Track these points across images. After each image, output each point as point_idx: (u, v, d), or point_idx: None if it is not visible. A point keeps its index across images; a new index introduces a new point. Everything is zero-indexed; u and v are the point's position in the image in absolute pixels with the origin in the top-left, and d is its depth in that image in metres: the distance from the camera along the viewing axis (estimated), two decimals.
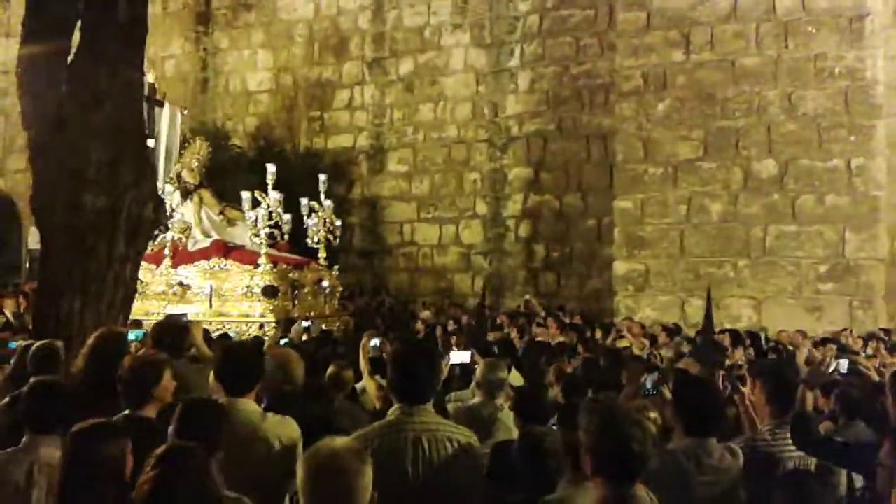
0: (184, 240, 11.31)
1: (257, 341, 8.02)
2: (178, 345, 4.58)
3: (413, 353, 3.35)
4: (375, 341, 6.44)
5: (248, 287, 10.46)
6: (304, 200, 11.26)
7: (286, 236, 11.09)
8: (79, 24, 5.66)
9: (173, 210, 11.17)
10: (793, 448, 3.45)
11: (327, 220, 11.43)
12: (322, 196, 11.47)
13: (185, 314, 9.09)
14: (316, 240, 11.38)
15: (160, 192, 11.59)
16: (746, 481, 3.22)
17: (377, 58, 17.30)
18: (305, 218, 11.22)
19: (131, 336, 6.45)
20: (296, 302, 10.86)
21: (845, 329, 10.94)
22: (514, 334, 10.01)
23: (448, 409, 4.80)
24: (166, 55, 19.04)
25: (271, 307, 10.38)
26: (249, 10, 18.50)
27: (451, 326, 11.23)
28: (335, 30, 17.72)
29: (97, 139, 5.53)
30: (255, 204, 10.59)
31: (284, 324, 9.48)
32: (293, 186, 11.65)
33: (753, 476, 3.20)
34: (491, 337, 9.18)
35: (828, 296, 11.99)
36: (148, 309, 10.61)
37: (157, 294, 10.72)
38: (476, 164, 16.27)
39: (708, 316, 8.95)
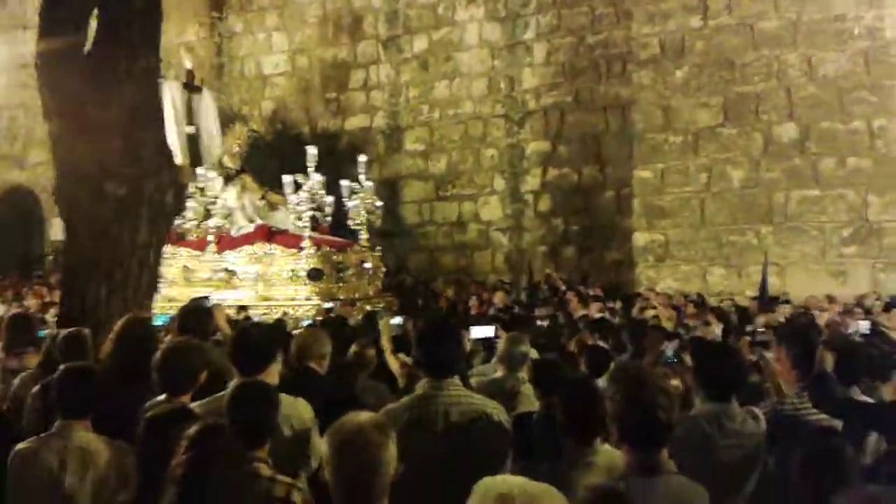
0: (227, 226, 11.33)
1: (279, 324, 8.08)
2: (203, 329, 4.62)
3: (438, 328, 3.42)
4: (398, 319, 6.50)
5: (292, 271, 10.49)
6: (344, 182, 11.28)
7: (329, 219, 11.11)
8: (95, 12, 5.69)
9: (216, 196, 11.20)
10: (816, 411, 3.46)
11: (368, 201, 11.42)
12: (363, 177, 11.47)
13: (207, 297, 9.16)
14: (358, 221, 11.39)
15: (195, 178, 11.81)
16: (772, 445, 3.24)
17: (391, 36, 17.24)
18: (346, 200, 11.23)
19: (158, 321, 6.55)
20: (340, 284, 10.88)
21: (869, 294, 10.84)
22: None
23: (471, 383, 4.84)
24: (181, 41, 19.07)
25: (317, 290, 10.41)
26: None
27: (472, 303, 11.29)
28: (349, 9, 17.66)
29: (117, 127, 5.58)
30: (297, 187, 10.60)
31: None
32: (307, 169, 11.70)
33: (779, 440, 3.21)
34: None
35: (851, 259, 11.89)
36: (194, 296, 10.76)
37: (202, 281, 10.73)
38: (493, 139, 16.22)
39: (763, 282, 8.95)
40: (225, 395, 3.46)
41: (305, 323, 8.12)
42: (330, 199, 11.04)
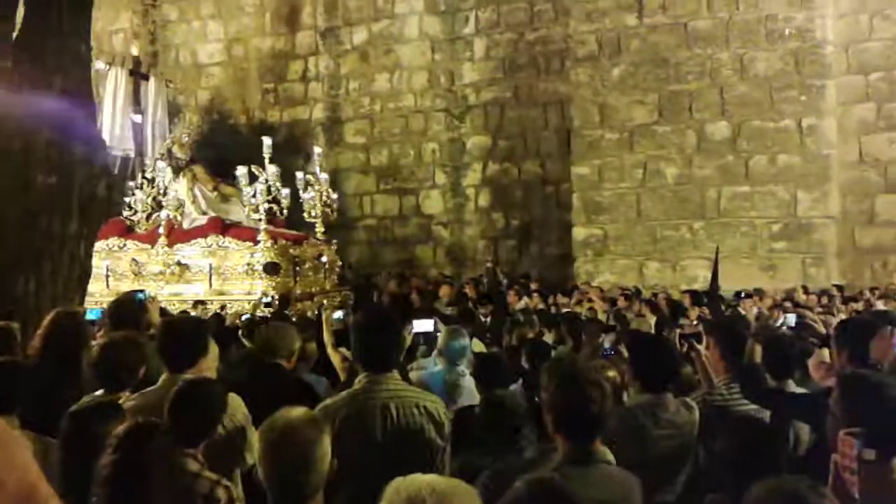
0: (178, 218, 10.99)
1: (216, 317, 7.95)
2: (136, 323, 4.50)
3: (376, 321, 3.38)
4: (339, 313, 6.46)
5: (248, 265, 10.26)
6: (299, 174, 11.08)
7: (285, 211, 10.88)
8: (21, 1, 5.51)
9: (166, 187, 10.87)
10: (746, 402, 3.57)
11: (324, 193, 11.24)
12: (318, 169, 11.30)
13: (142, 290, 8.92)
14: (313, 214, 11.19)
15: (143, 168, 11.46)
16: (702, 435, 3.33)
17: (330, 27, 17.07)
18: (301, 192, 11.01)
19: (91, 315, 6.38)
20: (297, 278, 10.68)
21: (798, 287, 11.21)
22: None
23: (411, 377, 4.85)
24: (114, 29, 18.57)
25: (273, 284, 10.18)
26: None
27: (414, 297, 11.29)
28: None
29: (47, 116, 5.41)
30: (252, 179, 10.34)
31: (282, 300, 9.38)
32: (249, 161, 11.50)
33: (708, 429, 3.31)
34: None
35: (781, 254, 12.27)
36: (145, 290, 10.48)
37: (154, 275, 10.47)
38: (434, 133, 16.23)
39: (714, 275, 9.15)
40: (157, 388, 3.40)
41: (245, 317, 7.98)
42: (286, 191, 10.78)
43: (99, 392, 3.52)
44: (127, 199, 11.52)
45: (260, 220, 10.33)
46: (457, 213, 16.12)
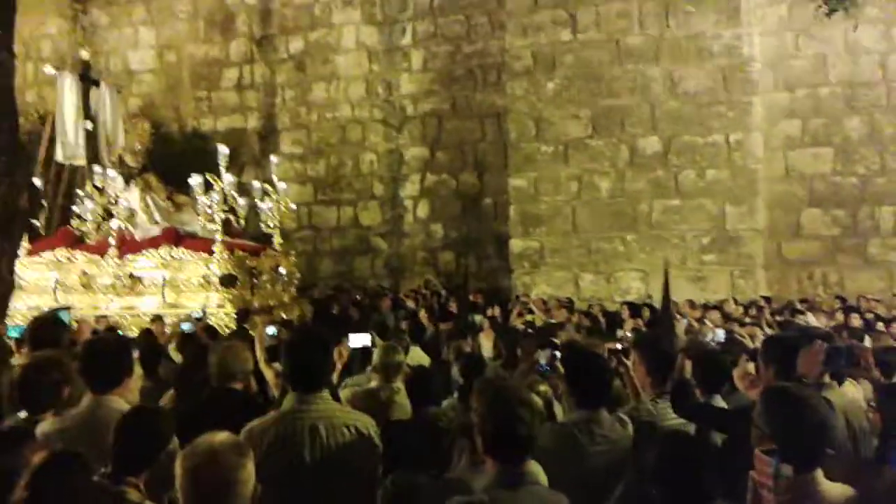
0: (130, 228, 10.58)
1: (145, 335, 7.73)
2: (56, 342, 4.33)
3: (306, 340, 3.34)
4: (272, 329, 6.36)
5: (204, 277, 9.85)
6: (255, 183, 10.84)
7: (242, 221, 10.55)
8: None
9: (117, 196, 10.47)
10: (673, 415, 3.64)
11: (282, 203, 10.98)
12: (274, 178, 11.02)
13: (68, 308, 8.63)
14: (271, 224, 10.91)
15: (91, 176, 11.06)
16: (631, 449, 3.37)
17: (266, 35, 16.90)
18: (258, 201, 10.72)
19: (12, 333, 6.16)
20: (255, 291, 10.32)
21: (727, 299, 11.50)
22: (422, 314, 10.05)
23: (345, 392, 4.81)
24: (41, 34, 18.05)
25: (230, 297, 9.81)
26: None
27: (352, 310, 11.20)
28: (220, 6, 17.18)
29: None
30: (207, 188, 10.00)
31: (241, 314, 9.09)
32: (180, 168, 11.27)
33: (637, 443, 3.35)
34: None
35: (711, 266, 12.57)
36: (95, 303, 9.96)
37: (104, 287, 10.02)
38: (371, 144, 16.19)
39: (665, 291, 9.25)
40: (80, 411, 3.28)
41: (185, 326, 7.75)
42: (243, 201, 10.47)
43: (22, 414, 3.41)
44: (76, 209, 11.15)
45: (216, 230, 9.97)
46: (395, 225, 16.08)
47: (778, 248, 13.08)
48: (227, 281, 9.84)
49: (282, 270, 11.01)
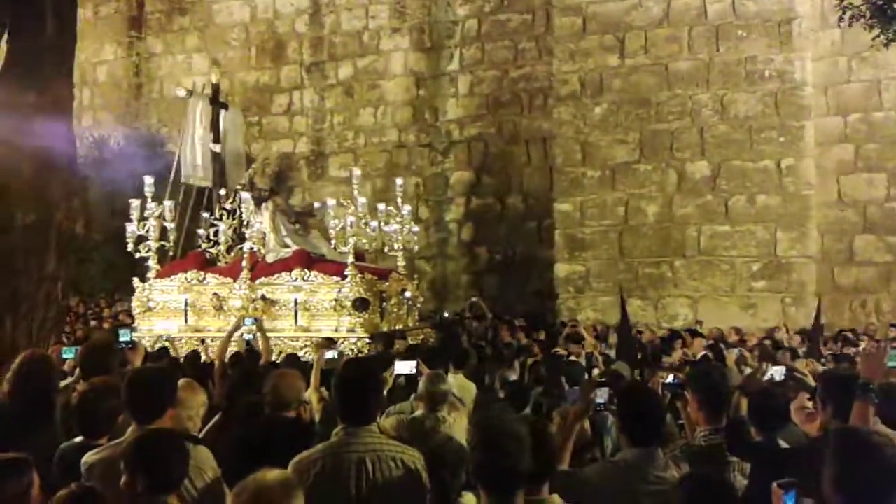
0: (261, 251, 10.46)
1: (193, 355, 7.81)
2: (107, 369, 4.39)
3: (356, 373, 3.35)
4: (332, 353, 6.35)
5: (336, 300, 9.67)
6: (381, 206, 10.79)
7: (374, 245, 10.48)
8: (5, 37, 5.50)
9: (249, 218, 10.41)
10: (729, 454, 3.55)
11: (407, 226, 10.98)
12: (399, 201, 11.04)
13: (129, 329, 8.65)
14: (396, 247, 10.88)
15: (219, 200, 11.10)
16: None
17: (316, 62, 17.18)
18: (383, 224, 10.67)
19: (66, 354, 6.28)
20: (384, 315, 10.14)
21: (780, 326, 11.27)
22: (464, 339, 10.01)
23: (389, 420, 4.80)
24: (98, 61, 18.62)
25: (361, 321, 9.64)
26: (184, 14, 18.20)
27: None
28: (272, 34, 17.54)
29: (26, 155, 5.38)
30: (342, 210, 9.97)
31: (380, 338, 8.95)
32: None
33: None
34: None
35: (761, 293, 12.33)
36: (223, 326, 9.67)
37: (236, 309, 9.83)
38: (417, 168, 16.29)
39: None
40: (124, 440, 3.33)
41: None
42: (374, 224, 10.38)
43: (78, 439, 3.49)
44: (202, 231, 11.16)
45: (347, 253, 9.84)
46: (440, 248, 16.11)
47: (830, 274, 12.77)
48: (360, 305, 9.65)
49: (407, 294, 10.80)
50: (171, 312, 10.26)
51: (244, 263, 9.98)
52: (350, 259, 9.76)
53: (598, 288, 13.24)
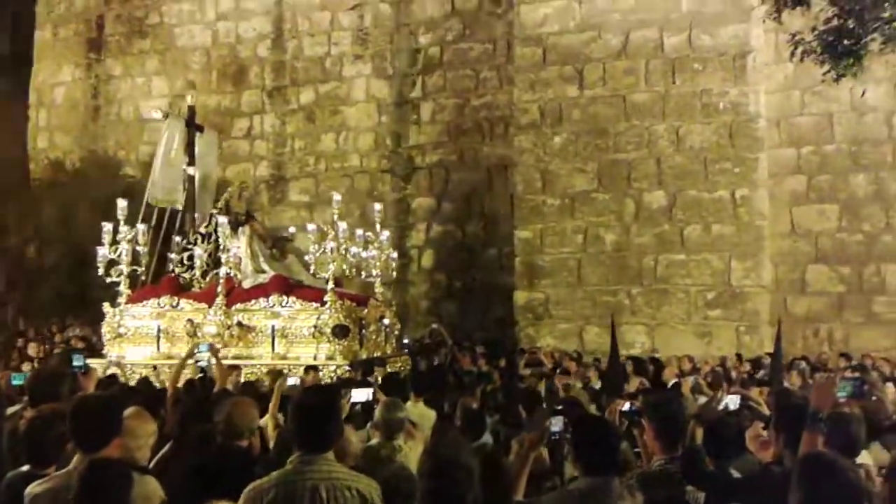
0: (238, 276, 10.24)
1: (143, 383, 7.65)
2: (55, 396, 4.27)
3: (313, 400, 3.33)
4: (293, 380, 6.30)
5: (315, 327, 9.51)
6: (359, 231, 10.59)
7: (355, 271, 10.25)
8: None
9: (226, 243, 10.09)
10: (682, 483, 3.58)
11: (386, 251, 10.82)
12: (378, 227, 10.83)
13: (81, 354, 8.42)
14: (375, 273, 10.67)
15: (195, 223, 10.83)
16: None
17: (277, 86, 17.15)
18: (361, 250, 10.45)
19: (15, 381, 6.12)
20: (363, 342, 9.96)
21: (731, 356, 11.42)
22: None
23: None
24: (56, 82, 18.35)
25: (341, 348, 9.48)
26: (144, 37, 18.06)
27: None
28: (234, 58, 17.48)
29: None
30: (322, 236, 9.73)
31: (360, 366, 8.81)
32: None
33: None
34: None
35: (716, 322, 12.52)
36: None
37: (210, 336, 9.54)
38: (379, 193, 16.27)
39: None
40: (69, 470, 3.26)
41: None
42: (355, 250, 10.20)
43: (25, 467, 3.41)
44: (174, 256, 10.87)
45: (326, 279, 9.69)
46: (400, 274, 16.05)
47: (783, 304, 13.01)
48: (340, 332, 9.50)
49: (385, 321, 10.68)
50: (142, 339, 10.03)
51: (220, 289, 9.80)
52: (330, 285, 9.63)
53: (558, 315, 13.32)
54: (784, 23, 7.70)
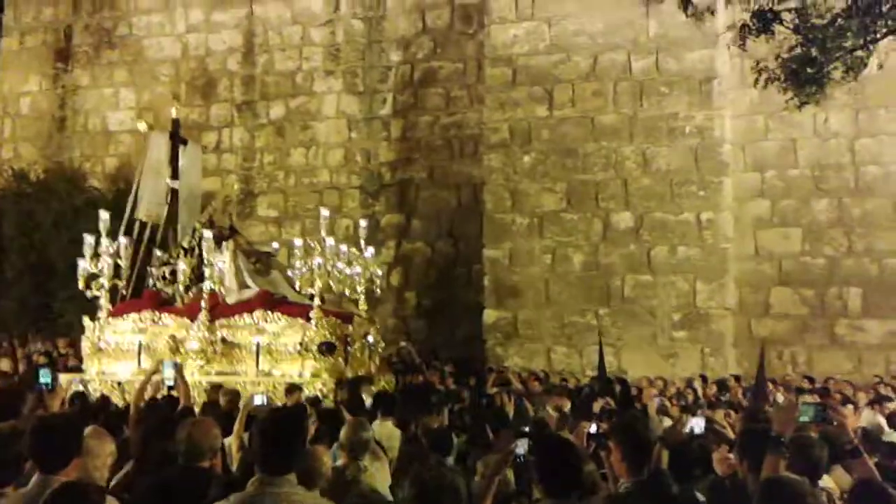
0: (221, 291, 10.02)
1: (102, 401, 7.52)
2: (15, 413, 4.19)
3: (277, 421, 3.29)
4: (259, 398, 6.20)
5: (301, 344, 9.33)
6: (343, 247, 10.39)
7: (340, 287, 10.12)
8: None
9: (209, 258, 9.86)
10: None
11: (370, 269, 10.70)
12: (362, 243, 10.76)
13: (46, 370, 8.19)
14: (359, 290, 10.51)
15: (178, 237, 10.63)
16: None
17: (247, 100, 17.05)
18: (345, 266, 10.25)
19: None
20: (348, 359, 9.77)
21: (696, 376, 11.52)
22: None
23: None
24: (22, 92, 18.11)
25: (327, 366, 9.29)
26: (113, 48, 17.88)
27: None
28: (203, 71, 17.36)
29: None
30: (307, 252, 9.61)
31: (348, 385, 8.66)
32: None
33: None
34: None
35: (682, 343, 12.62)
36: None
37: (193, 352, 9.40)
38: (348, 210, 16.22)
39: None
40: (28, 490, 3.19)
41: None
42: (341, 266, 10.04)
43: None
44: (155, 270, 10.70)
45: (312, 295, 9.55)
46: (367, 291, 15.97)
47: (748, 325, 13.18)
48: (327, 349, 9.34)
49: (370, 338, 10.53)
50: (123, 354, 9.80)
51: (203, 304, 9.62)
52: (317, 301, 9.50)
53: (526, 334, 13.34)
54: (749, 50, 7.81)
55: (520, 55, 13.70)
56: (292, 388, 8.15)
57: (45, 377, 5.90)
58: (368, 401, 6.10)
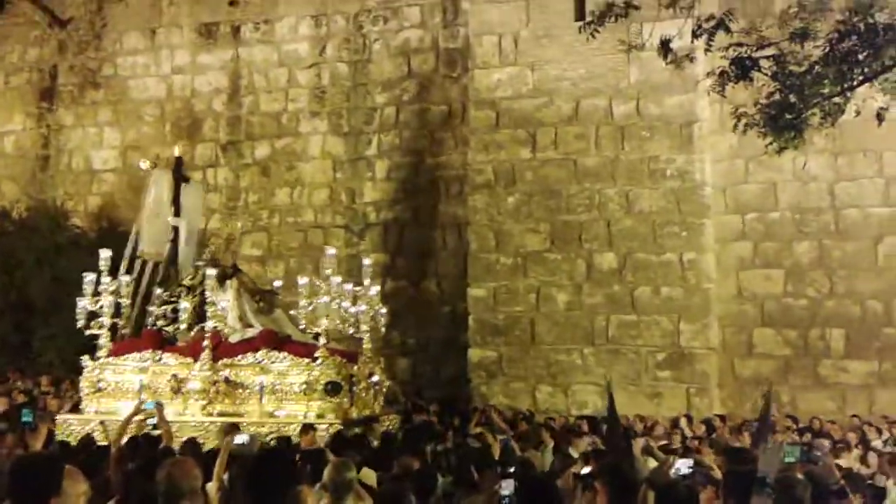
0: (224, 329, 9.94)
1: (86, 441, 7.43)
2: None
3: (268, 465, 3.28)
4: (242, 437, 6.10)
5: (306, 384, 9.26)
6: (348, 286, 10.24)
7: (345, 326, 9.99)
8: None
9: (212, 296, 9.82)
10: None
11: (375, 307, 10.53)
12: (367, 281, 10.59)
13: (28, 407, 8.03)
14: (363, 328, 10.34)
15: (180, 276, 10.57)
16: None
17: (232, 140, 17.10)
18: (349, 305, 10.14)
19: None
20: (353, 399, 9.62)
21: (681, 416, 11.52)
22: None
23: None
24: (5, 131, 18.10)
25: (333, 406, 9.20)
26: (97, 88, 17.91)
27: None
28: (188, 111, 17.42)
29: None
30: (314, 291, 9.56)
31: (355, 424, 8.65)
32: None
33: None
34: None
35: (666, 382, 12.64)
36: (181, 410, 9.25)
37: (195, 392, 9.28)
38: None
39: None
40: None
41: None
42: (346, 304, 9.96)
43: None
44: (156, 309, 10.59)
45: (318, 334, 9.48)
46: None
47: (731, 366, 13.23)
48: (333, 389, 9.26)
49: (375, 378, 10.38)
50: (123, 394, 9.66)
51: (206, 343, 9.51)
52: (322, 340, 9.42)
53: (510, 373, 13.33)
54: (728, 96, 7.96)
55: (503, 99, 13.88)
56: (307, 428, 8.08)
57: (27, 416, 5.83)
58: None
